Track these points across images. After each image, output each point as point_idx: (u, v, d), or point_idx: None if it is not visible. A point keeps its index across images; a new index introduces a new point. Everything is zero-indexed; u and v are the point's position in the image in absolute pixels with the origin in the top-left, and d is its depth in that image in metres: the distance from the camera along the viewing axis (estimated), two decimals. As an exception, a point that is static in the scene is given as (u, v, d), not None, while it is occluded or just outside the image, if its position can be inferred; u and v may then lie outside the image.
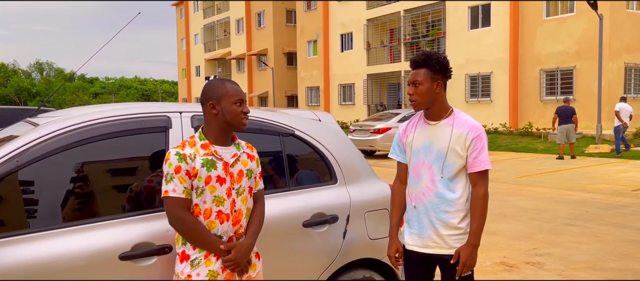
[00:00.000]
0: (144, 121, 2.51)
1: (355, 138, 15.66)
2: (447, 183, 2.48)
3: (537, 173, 11.94)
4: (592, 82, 17.98)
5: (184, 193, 2.14)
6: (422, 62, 2.47)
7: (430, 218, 2.51)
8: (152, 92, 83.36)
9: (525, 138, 18.84)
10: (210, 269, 2.19)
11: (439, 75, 2.47)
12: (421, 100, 2.48)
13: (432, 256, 2.55)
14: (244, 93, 2.31)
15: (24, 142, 2.24)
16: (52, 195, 2.26)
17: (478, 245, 2.47)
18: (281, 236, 2.70)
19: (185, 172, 2.14)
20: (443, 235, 2.49)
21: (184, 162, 2.14)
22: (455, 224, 2.48)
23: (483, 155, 2.46)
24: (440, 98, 2.50)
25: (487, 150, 2.50)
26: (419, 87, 2.47)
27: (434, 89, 2.47)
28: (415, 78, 2.48)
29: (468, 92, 22.80)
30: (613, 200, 8.51)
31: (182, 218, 2.14)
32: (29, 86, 72.69)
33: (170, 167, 2.14)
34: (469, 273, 2.52)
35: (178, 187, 2.13)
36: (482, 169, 2.46)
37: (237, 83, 2.30)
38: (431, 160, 2.50)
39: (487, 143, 2.51)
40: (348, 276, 2.96)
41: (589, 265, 5.14)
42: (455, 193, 2.48)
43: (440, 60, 2.47)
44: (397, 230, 2.64)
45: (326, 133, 3.06)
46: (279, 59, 37.12)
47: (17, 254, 2.09)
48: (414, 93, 2.48)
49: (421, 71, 2.47)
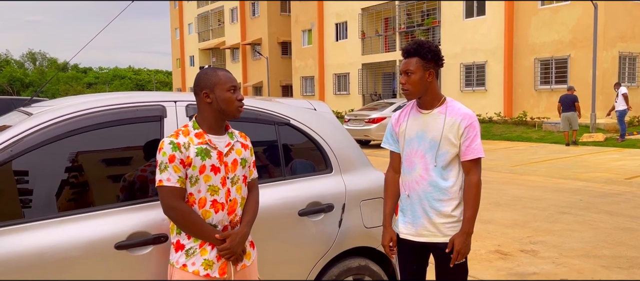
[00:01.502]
0: (139, 110, 2.50)
1: (350, 128, 15.66)
2: (440, 172, 2.49)
3: (531, 162, 12.00)
4: (586, 71, 18.03)
5: (179, 183, 2.14)
6: (414, 51, 2.47)
7: (423, 207, 2.52)
8: (147, 82, 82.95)
9: (520, 127, 18.91)
10: (205, 258, 2.19)
11: (431, 64, 2.47)
12: (413, 89, 2.48)
13: (426, 245, 2.56)
14: (237, 81, 2.29)
15: (17, 131, 2.23)
16: (47, 185, 2.25)
17: (472, 233, 2.48)
18: (277, 225, 2.71)
19: (180, 161, 2.13)
20: (437, 224, 2.51)
21: (178, 150, 2.13)
22: (449, 212, 2.49)
23: (476, 143, 2.47)
24: (432, 87, 2.50)
25: (479, 138, 2.50)
26: (411, 76, 2.46)
27: (426, 78, 2.47)
28: (407, 67, 2.47)
29: (463, 81, 22.81)
30: (607, 188, 8.57)
31: (177, 208, 2.14)
32: (22, 76, 72.08)
33: (165, 156, 2.12)
34: (463, 261, 2.54)
35: (172, 176, 2.12)
36: (475, 157, 2.47)
37: (229, 71, 2.29)
38: (424, 149, 2.51)
39: (479, 132, 2.52)
40: (344, 264, 2.97)
41: (583, 253, 5.19)
42: (449, 182, 2.49)
43: (432, 48, 2.46)
44: (390, 219, 2.66)
45: (321, 122, 3.06)
46: (273, 49, 36.97)
47: (13, 243, 2.09)
48: (406, 83, 2.48)
49: (413, 60, 2.46)
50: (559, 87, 19.14)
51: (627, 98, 14.49)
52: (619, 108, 14.64)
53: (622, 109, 14.61)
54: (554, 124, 17.50)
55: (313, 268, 2.86)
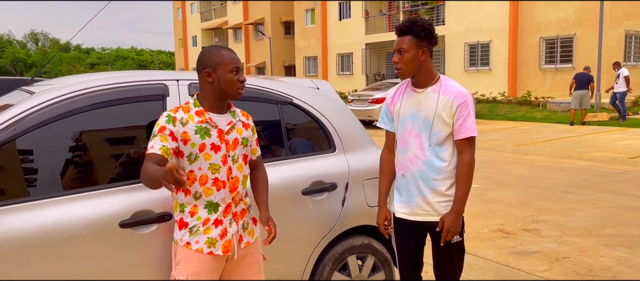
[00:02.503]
0: (141, 89, 2.49)
1: (353, 108, 15.61)
2: (435, 151, 2.47)
3: (535, 141, 11.97)
4: (592, 50, 17.86)
5: (161, 150, 2.05)
6: (407, 29, 2.43)
7: (418, 186, 2.52)
8: (149, 62, 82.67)
9: (524, 107, 18.82)
10: (209, 236, 2.20)
11: (424, 43, 2.43)
12: (406, 68, 2.45)
13: (422, 224, 2.57)
14: (241, 61, 2.26)
15: (20, 110, 2.23)
16: (51, 164, 2.26)
17: (462, 212, 2.48)
18: (280, 204, 2.71)
19: (170, 132, 2.10)
20: (432, 203, 2.50)
21: (172, 123, 2.12)
22: (443, 191, 2.49)
23: (469, 122, 2.44)
24: (426, 66, 2.46)
25: (473, 117, 2.46)
26: (404, 54, 2.43)
27: (420, 57, 2.43)
28: (400, 45, 2.44)
29: (467, 60, 22.65)
30: (610, 167, 8.56)
31: (145, 167, 2.00)
32: (25, 57, 71.94)
33: (156, 127, 2.12)
34: (459, 240, 2.54)
35: (157, 144, 2.07)
36: (468, 136, 2.45)
37: (233, 50, 2.26)
38: (419, 128, 2.49)
39: (473, 110, 2.48)
40: (347, 243, 2.99)
41: (585, 231, 5.20)
42: (443, 161, 2.48)
43: (425, 26, 2.42)
44: (385, 198, 2.66)
45: (324, 101, 3.05)
46: (276, 28, 36.71)
47: (18, 221, 2.11)
48: (399, 61, 2.45)
49: (406, 38, 2.43)
50: (564, 67, 19.01)
51: (628, 80, 14.36)
52: (620, 89, 14.46)
53: (622, 91, 14.44)
54: (558, 104, 17.42)
55: (316, 246, 2.87)
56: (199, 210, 2.20)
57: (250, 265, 2.37)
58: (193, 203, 2.19)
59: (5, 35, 77.69)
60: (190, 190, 2.18)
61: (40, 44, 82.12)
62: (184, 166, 2.18)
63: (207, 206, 2.20)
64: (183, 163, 2.18)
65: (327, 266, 2.94)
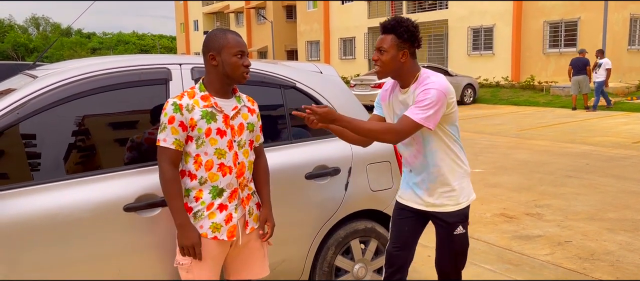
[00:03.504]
0: (144, 73, 2.48)
1: (356, 93, 15.56)
2: (430, 142, 2.45)
3: (538, 126, 11.94)
4: (596, 33, 17.72)
5: (174, 145, 2.13)
6: (390, 27, 2.36)
7: (423, 178, 2.51)
8: (151, 47, 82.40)
9: (527, 92, 18.74)
10: (213, 221, 2.20)
11: (406, 45, 2.35)
12: (384, 68, 2.39)
13: (426, 213, 2.56)
14: (246, 46, 2.24)
15: (23, 94, 2.22)
16: (55, 148, 2.26)
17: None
18: (283, 188, 2.72)
19: (179, 123, 2.12)
20: (434, 193, 2.50)
21: (179, 112, 2.12)
22: (443, 181, 2.47)
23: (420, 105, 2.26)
24: (406, 68, 2.39)
25: (432, 108, 2.26)
26: (383, 54, 2.36)
27: (399, 58, 2.36)
28: (381, 44, 2.37)
29: (470, 45, 22.51)
30: (614, 152, 8.54)
31: (164, 169, 2.14)
32: (26, 41, 71.73)
33: (165, 117, 2.13)
34: (463, 232, 2.53)
35: (169, 137, 2.12)
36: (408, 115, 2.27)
37: (239, 34, 2.24)
38: None
39: (438, 102, 2.27)
40: (350, 227, 3.00)
41: (588, 216, 5.21)
42: (437, 149, 2.45)
43: (409, 28, 2.34)
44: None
45: (328, 85, 3.03)
46: (278, 12, 36.48)
47: (23, 205, 2.11)
48: (378, 60, 2.39)
49: (388, 37, 2.36)
50: (568, 51, 18.87)
51: (610, 73, 14.13)
52: (599, 79, 14.13)
53: (600, 81, 14.13)
54: (562, 88, 17.33)
55: (320, 230, 2.88)
56: (203, 194, 2.20)
57: (254, 250, 2.38)
58: (198, 188, 2.19)
59: (6, 20, 77.41)
60: (196, 175, 2.18)
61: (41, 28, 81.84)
62: (190, 150, 2.18)
63: (212, 191, 2.20)
64: (190, 147, 2.17)
65: (331, 249, 2.95)
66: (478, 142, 10.00)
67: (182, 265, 2.22)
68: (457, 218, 2.51)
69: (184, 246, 2.16)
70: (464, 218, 2.53)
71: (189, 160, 2.18)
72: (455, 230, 2.51)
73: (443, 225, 2.52)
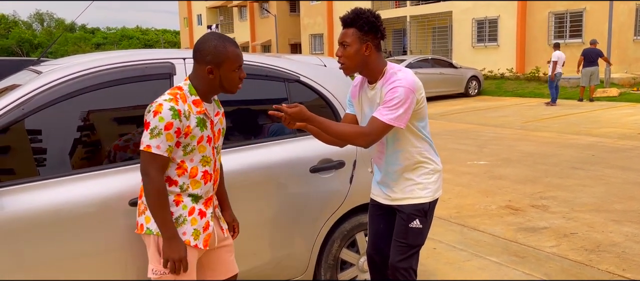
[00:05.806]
0: (148, 68, 2.48)
1: (360, 85, 15.50)
2: (393, 142, 2.42)
3: (543, 118, 11.89)
4: (602, 24, 17.57)
5: (167, 152, 2.00)
6: (350, 20, 2.28)
7: (387, 173, 2.50)
8: (155, 42, 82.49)
9: (532, 83, 18.64)
10: (195, 227, 2.13)
11: (369, 37, 2.28)
12: (349, 63, 2.31)
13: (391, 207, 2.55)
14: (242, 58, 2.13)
15: (28, 89, 2.23)
16: (60, 143, 2.27)
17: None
18: (288, 182, 2.72)
19: (176, 130, 1.99)
20: (396, 188, 2.48)
21: (178, 118, 1.99)
22: (406, 177, 2.46)
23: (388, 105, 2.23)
24: (371, 61, 2.31)
25: (400, 108, 2.22)
26: (346, 48, 2.28)
27: (363, 52, 2.28)
28: (343, 38, 2.29)
29: (474, 36, 22.39)
30: (619, 143, 8.50)
31: (154, 178, 1.99)
32: (31, 37, 71.94)
33: (161, 122, 1.96)
34: (419, 227, 2.45)
35: (163, 144, 1.98)
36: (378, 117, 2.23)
37: (236, 43, 2.13)
38: None
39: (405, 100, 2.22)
40: (355, 220, 3.00)
41: (594, 207, 5.19)
42: (400, 151, 2.42)
43: (370, 19, 2.26)
44: None
45: (332, 78, 3.02)
46: (281, 6, 36.39)
47: (29, 201, 2.12)
48: (342, 55, 2.31)
49: (350, 31, 2.28)
50: (573, 42, 18.74)
51: (555, 66, 13.82)
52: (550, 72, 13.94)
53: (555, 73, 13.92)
54: (567, 79, 17.23)
55: (325, 223, 2.89)
56: (183, 198, 2.11)
57: (224, 251, 2.34)
58: (177, 192, 2.10)
59: (11, 16, 77.61)
60: (177, 181, 2.09)
61: (45, 24, 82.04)
62: (175, 157, 2.07)
63: (190, 196, 2.13)
64: (177, 153, 2.06)
65: (336, 242, 2.96)
66: (483, 134, 9.97)
67: (160, 274, 2.09)
68: (416, 212, 2.45)
69: (171, 259, 2.03)
70: (423, 213, 2.46)
71: (171, 166, 2.07)
72: (412, 222, 2.45)
73: (402, 216, 2.47)
